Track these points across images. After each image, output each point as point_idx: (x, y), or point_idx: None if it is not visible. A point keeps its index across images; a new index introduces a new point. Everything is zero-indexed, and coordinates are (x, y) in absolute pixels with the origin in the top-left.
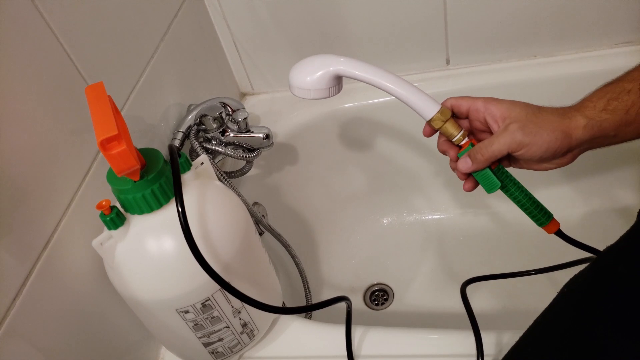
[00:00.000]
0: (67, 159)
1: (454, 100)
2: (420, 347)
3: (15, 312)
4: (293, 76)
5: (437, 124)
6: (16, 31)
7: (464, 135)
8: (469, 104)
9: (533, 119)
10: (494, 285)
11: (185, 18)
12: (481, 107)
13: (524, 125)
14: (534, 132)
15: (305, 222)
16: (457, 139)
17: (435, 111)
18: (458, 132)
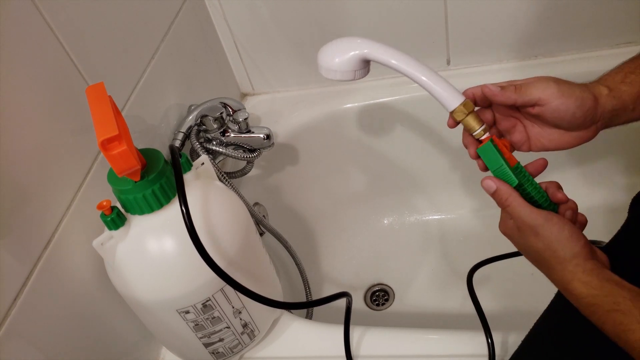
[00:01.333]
0: (68, 159)
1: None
2: (421, 348)
3: (16, 312)
4: (321, 56)
5: (459, 116)
6: (17, 31)
7: (485, 130)
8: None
9: (563, 80)
10: (494, 285)
11: (185, 18)
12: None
13: (557, 80)
14: (567, 86)
15: (306, 223)
16: (477, 132)
17: (459, 103)
18: (479, 127)
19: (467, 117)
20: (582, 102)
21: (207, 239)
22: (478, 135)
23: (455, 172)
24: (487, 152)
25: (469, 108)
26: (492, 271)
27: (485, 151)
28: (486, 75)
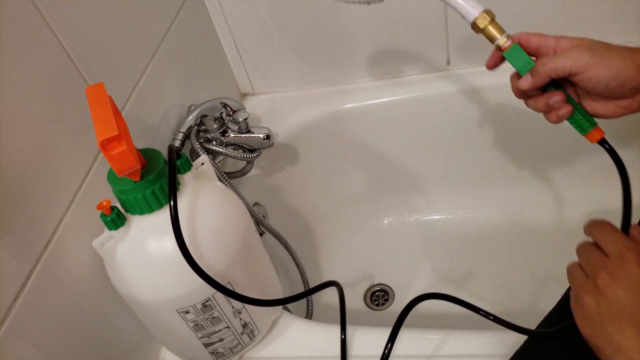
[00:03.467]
0: (68, 160)
1: (524, 35)
2: (421, 348)
3: (16, 312)
4: None
5: (482, 23)
6: (16, 31)
7: (508, 37)
8: (539, 40)
9: (604, 45)
10: (494, 285)
11: (185, 18)
12: (552, 42)
13: (594, 48)
14: (603, 55)
15: (306, 223)
16: (500, 40)
17: (479, 12)
18: (501, 34)
19: (489, 25)
20: (618, 72)
21: (206, 240)
22: (502, 42)
23: (455, 172)
24: (514, 53)
25: (491, 15)
26: (492, 271)
27: (511, 53)
28: (486, 75)
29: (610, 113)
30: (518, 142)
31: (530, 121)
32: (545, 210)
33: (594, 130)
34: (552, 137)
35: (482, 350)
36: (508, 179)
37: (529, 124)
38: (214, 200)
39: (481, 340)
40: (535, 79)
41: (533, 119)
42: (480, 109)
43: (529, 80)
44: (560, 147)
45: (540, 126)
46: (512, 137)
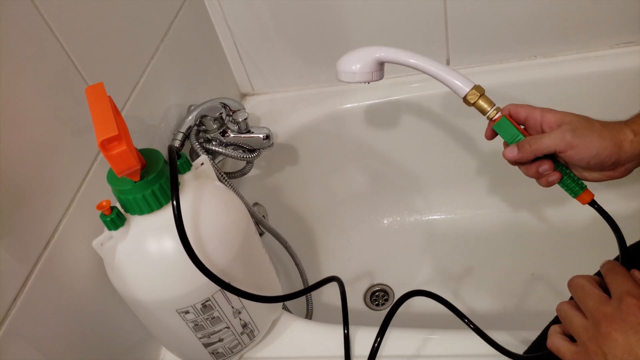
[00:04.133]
0: (68, 160)
1: (513, 107)
2: (421, 348)
3: (16, 312)
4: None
5: (472, 99)
6: (16, 32)
7: (497, 110)
8: (527, 112)
9: (585, 124)
10: (494, 285)
11: (185, 18)
12: (538, 115)
13: (575, 127)
14: (584, 135)
15: (306, 223)
16: (490, 113)
17: (469, 88)
18: (491, 107)
19: (479, 99)
20: (597, 152)
21: (206, 240)
22: (491, 115)
23: (455, 172)
24: (502, 126)
25: (480, 91)
26: (492, 271)
27: (500, 125)
28: (486, 75)
29: (596, 179)
30: None
31: None
32: (544, 210)
33: (583, 193)
34: None
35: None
36: (508, 179)
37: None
38: (213, 200)
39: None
40: (521, 154)
41: None
42: None
43: (515, 154)
44: None
45: None
46: None
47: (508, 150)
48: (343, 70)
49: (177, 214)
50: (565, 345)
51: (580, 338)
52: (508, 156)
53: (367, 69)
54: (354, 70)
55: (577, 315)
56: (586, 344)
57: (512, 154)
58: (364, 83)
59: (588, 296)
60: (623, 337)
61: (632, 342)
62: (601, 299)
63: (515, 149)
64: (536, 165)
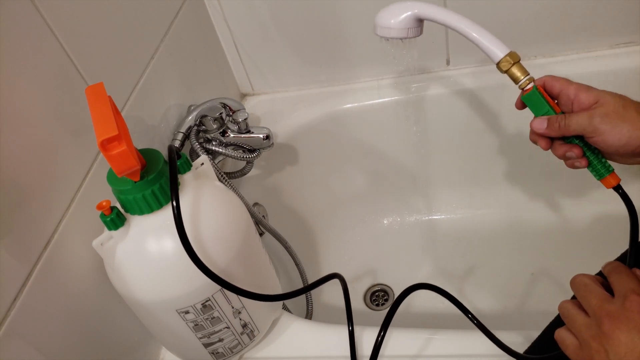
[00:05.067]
0: (68, 160)
1: (550, 79)
2: (421, 348)
3: (16, 312)
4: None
5: (505, 66)
6: (16, 32)
7: (529, 79)
8: (561, 87)
9: (620, 110)
10: (494, 285)
11: (185, 18)
12: (572, 93)
13: (606, 112)
14: (614, 123)
15: (306, 223)
16: (522, 82)
17: (504, 54)
18: (524, 76)
19: (512, 67)
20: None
21: (206, 240)
22: (523, 85)
23: (455, 173)
24: (532, 99)
25: (515, 59)
26: (492, 271)
27: (530, 98)
28: (486, 75)
29: (626, 163)
30: (518, 142)
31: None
32: (545, 210)
33: (609, 176)
34: None
35: (483, 351)
36: (508, 179)
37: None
38: (213, 200)
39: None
40: (549, 130)
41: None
42: (480, 109)
43: (543, 128)
44: None
45: None
46: (512, 136)
47: (537, 122)
48: (380, 24)
49: (177, 214)
50: (570, 338)
51: (583, 336)
52: (535, 128)
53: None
54: (390, 25)
55: (580, 313)
56: (589, 342)
57: (540, 127)
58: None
59: (591, 294)
60: (626, 335)
61: (635, 341)
62: (604, 297)
63: (545, 122)
64: (565, 148)
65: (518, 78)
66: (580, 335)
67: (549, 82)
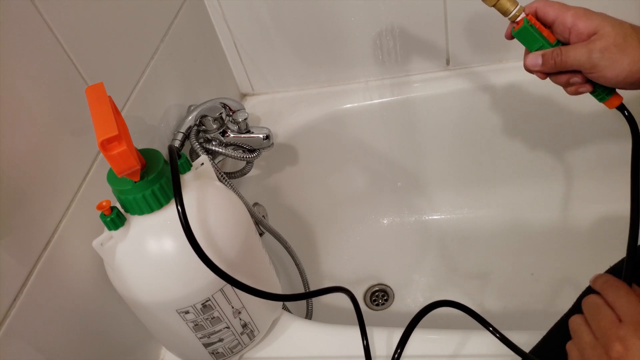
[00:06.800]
0: (68, 160)
1: (542, 5)
2: (421, 348)
3: (16, 312)
4: None
5: (491, 1)
6: (16, 32)
7: (520, 10)
8: (556, 14)
9: (620, 42)
10: (494, 285)
11: (185, 19)
12: (569, 21)
13: (606, 47)
14: (613, 58)
15: (306, 223)
16: (512, 14)
17: None
18: (514, 7)
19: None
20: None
21: (206, 240)
22: (513, 17)
23: (455, 173)
24: (524, 34)
25: None
26: (492, 271)
27: (521, 33)
28: (486, 75)
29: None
30: (518, 142)
31: (530, 121)
32: (545, 210)
33: (612, 97)
34: (552, 137)
35: (483, 350)
36: (508, 179)
37: (529, 124)
38: (214, 200)
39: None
40: (544, 67)
41: (533, 119)
42: (480, 109)
43: (538, 65)
44: (561, 147)
45: (540, 126)
46: (512, 137)
47: (530, 58)
48: None
49: (181, 211)
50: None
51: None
52: (530, 65)
53: None
54: None
55: (588, 332)
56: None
57: (534, 63)
58: None
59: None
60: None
61: None
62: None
63: (539, 58)
64: (566, 77)
65: (508, 10)
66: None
67: (542, 8)
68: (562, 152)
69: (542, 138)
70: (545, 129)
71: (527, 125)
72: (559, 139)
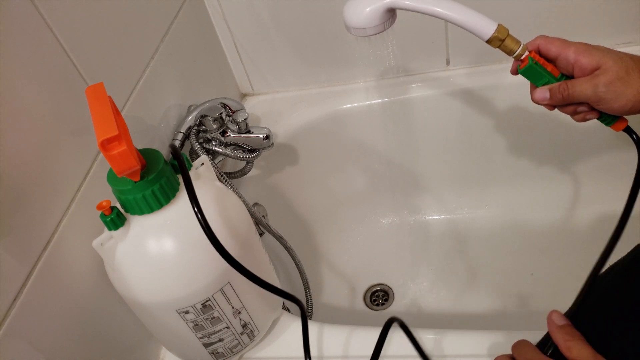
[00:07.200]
0: (68, 160)
1: (544, 42)
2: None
3: (16, 312)
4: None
5: (496, 43)
6: (16, 32)
7: (523, 49)
8: (559, 51)
9: (623, 75)
10: (494, 285)
11: (185, 18)
12: (571, 57)
13: (610, 81)
14: (618, 91)
15: (306, 223)
16: (517, 54)
17: (493, 30)
18: (517, 47)
19: (504, 42)
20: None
21: (206, 240)
22: (518, 56)
23: (455, 173)
24: (530, 72)
25: (504, 34)
26: (492, 271)
27: (528, 71)
28: (486, 75)
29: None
30: (518, 142)
31: (530, 121)
32: (545, 210)
33: (617, 121)
34: (552, 137)
35: (483, 350)
36: (508, 179)
37: (529, 124)
38: (213, 200)
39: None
40: (552, 101)
41: (533, 119)
42: (480, 109)
43: (547, 99)
44: (560, 147)
45: (540, 126)
46: (512, 137)
47: (538, 93)
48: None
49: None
50: None
51: None
52: (538, 100)
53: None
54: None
55: None
56: None
57: (542, 97)
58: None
59: None
60: None
61: None
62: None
63: (547, 92)
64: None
65: (512, 50)
66: None
67: (544, 45)
68: (562, 152)
69: (542, 138)
70: (545, 129)
71: (527, 126)
72: (559, 139)
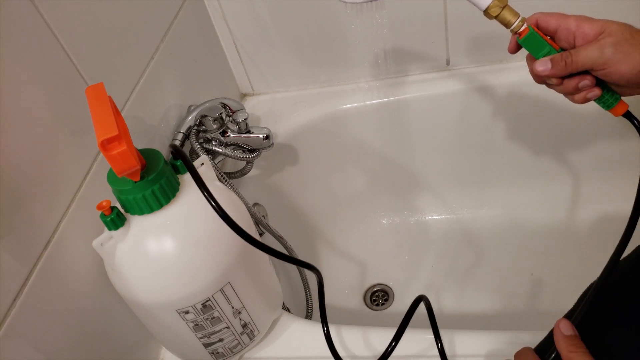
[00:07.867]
0: (68, 160)
1: (542, 16)
2: (421, 348)
3: (16, 312)
4: None
5: (495, 12)
6: (16, 32)
7: (522, 20)
8: (558, 22)
9: (629, 38)
10: (494, 285)
11: (185, 19)
12: (573, 25)
13: (617, 42)
14: (625, 51)
15: (306, 223)
16: (515, 25)
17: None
18: (516, 19)
19: (503, 11)
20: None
21: (207, 240)
22: (516, 28)
23: (455, 172)
24: (531, 40)
25: (503, 2)
26: (492, 271)
27: (528, 40)
28: (486, 75)
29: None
30: (518, 142)
31: (531, 121)
32: (545, 210)
33: (617, 105)
34: (552, 137)
35: (482, 350)
36: (508, 179)
37: (529, 124)
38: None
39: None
40: (554, 70)
41: (533, 119)
42: (480, 109)
43: (548, 69)
44: (561, 147)
45: (540, 126)
46: (512, 137)
47: (540, 64)
48: None
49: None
50: None
51: None
52: (539, 71)
53: None
54: None
55: None
56: None
57: (544, 69)
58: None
59: None
60: None
61: None
62: None
63: (548, 63)
64: (576, 80)
65: (510, 22)
66: None
67: (542, 19)
68: (562, 152)
69: (542, 138)
70: (545, 129)
71: (527, 125)
72: (559, 138)
